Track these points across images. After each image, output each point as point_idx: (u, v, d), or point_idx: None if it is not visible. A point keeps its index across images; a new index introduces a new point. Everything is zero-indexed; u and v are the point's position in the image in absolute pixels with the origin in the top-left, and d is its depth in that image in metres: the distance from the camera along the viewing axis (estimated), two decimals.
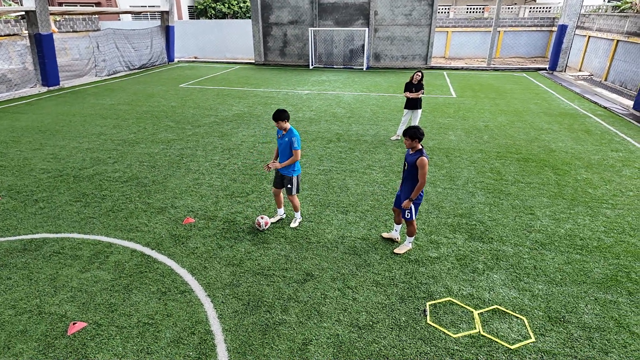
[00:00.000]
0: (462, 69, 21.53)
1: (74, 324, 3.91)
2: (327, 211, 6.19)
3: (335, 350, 3.63)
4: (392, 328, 3.88)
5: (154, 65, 22.23)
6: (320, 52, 22.58)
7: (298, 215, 5.81)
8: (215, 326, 3.93)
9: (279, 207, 5.83)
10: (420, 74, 8.92)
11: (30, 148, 9.12)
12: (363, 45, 21.65)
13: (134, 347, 3.67)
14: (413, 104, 9.06)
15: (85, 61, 18.48)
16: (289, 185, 5.48)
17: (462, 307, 4.13)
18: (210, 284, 4.53)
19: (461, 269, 4.75)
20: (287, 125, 5.20)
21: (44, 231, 5.63)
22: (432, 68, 21.55)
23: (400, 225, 5.27)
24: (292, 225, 5.75)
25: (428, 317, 3.98)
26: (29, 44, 15.85)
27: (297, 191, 5.56)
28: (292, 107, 13.03)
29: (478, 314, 4.02)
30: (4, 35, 20.62)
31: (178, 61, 24.65)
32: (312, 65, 22.23)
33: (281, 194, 5.74)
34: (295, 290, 4.43)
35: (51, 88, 15.96)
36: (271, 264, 4.91)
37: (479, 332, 3.79)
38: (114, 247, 5.22)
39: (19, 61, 16.25)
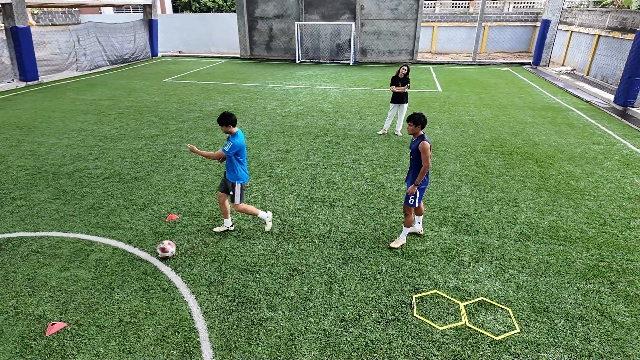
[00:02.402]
0: (447, 63, 21.65)
1: (52, 324, 3.79)
2: (314, 206, 6.14)
3: (321, 345, 3.60)
4: (378, 322, 3.86)
5: (137, 60, 21.77)
6: (307, 47, 22.42)
7: (265, 217, 5.32)
8: (200, 324, 3.86)
9: (225, 217, 5.28)
10: (406, 68, 8.92)
11: (6, 145, 8.83)
12: (350, 40, 21.58)
13: (116, 347, 3.58)
14: (399, 98, 9.05)
15: (65, 55, 17.97)
16: (231, 193, 5.03)
17: (448, 299, 4.15)
18: (195, 281, 4.45)
19: (447, 261, 4.77)
20: (234, 129, 4.79)
21: (21, 230, 5.46)
22: (418, 63, 21.61)
23: (421, 217, 5.23)
24: (267, 229, 5.36)
25: (415, 310, 3.98)
26: (4, 38, 15.33)
27: (241, 201, 5.05)
28: (278, 102, 12.91)
29: (464, 306, 4.04)
30: None
31: (162, 56, 24.20)
32: (298, 59, 22.07)
33: (227, 201, 5.18)
34: (281, 285, 4.39)
35: (29, 83, 15.48)
36: (257, 259, 4.85)
37: (465, 324, 3.81)
38: (95, 245, 5.09)
39: None
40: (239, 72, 18.95)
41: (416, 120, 4.64)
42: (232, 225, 5.44)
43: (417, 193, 4.80)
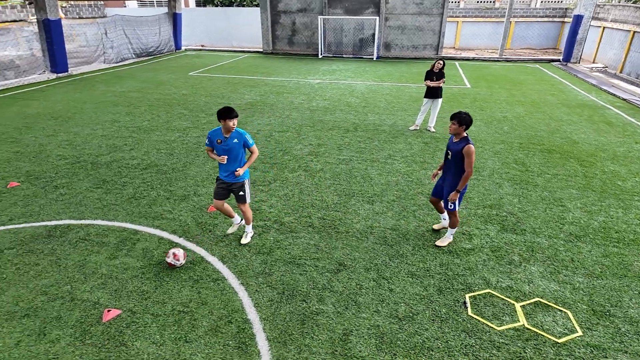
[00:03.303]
0: (473, 59, 21.24)
1: (108, 311, 3.84)
2: (353, 201, 6.08)
3: (377, 342, 3.55)
4: (433, 320, 3.79)
5: (162, 53, 21.97)
6: (330, 41, 22.27)
7: (250, 229, 5.00)
8: (252, 315, 3.85)
9: (232, 216, 4.99)
10: (441, 62, 8.75)
11: (44, 134, 9.01)
12: (373, 35, 21.34)
13: (172, 335, 3.60)
14: (433, 93, 8.89)
15: (93, 48, 18.24)
16: (240, 193, 4.66)
17: (503, 299, 4.05)
18: (243, 272, 4.45)
19: (497, 260, 4.66)
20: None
21: (67, 217, 5.55)
22: (442, 59, 21.24)
23: (446, 213, 5.13)
24: (244, 241, 4.93)
25: (469, 309, 3.90)
26: (36, 30, 15.63)
27: (250, 198, 4.91)
28: (305, 96, 12.86)
29: (520, 306, 3.93)
30: (11, 21, 20.36)
31: (185, 49, 24.38)
32: (321, 54, 21.95)
33: (225, 203, 4.83)
34: (329, 280, 4.35)
35: (60, 75, 15.77)
36: (301, 253, 4.82)
37: (524, 325, 3.71)
38: (140, 235, 5.14)
39: (27, 47, 16.04)
40: (262, 66, 18.95)
41: (461, 120, 4.38)
42: (241, 220, 5.12)
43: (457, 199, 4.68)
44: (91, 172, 7.03)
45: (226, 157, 4.43)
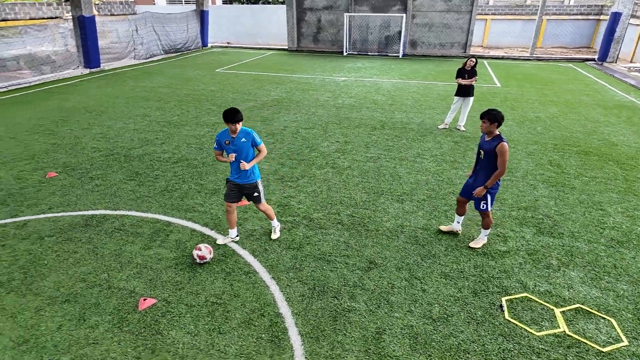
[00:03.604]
0: (502, 58, 20.70)
1: (144, 299, 3.92)
2: (382, 199, 6.02)
3: (411, 342, 3.50)
4: (468, 322, 3.71)
5: (189, 50, 22.35)
6: (355, 39, 22.14)
7: (276, 223, 4.98)
8: (284, 309, 3.86)
9: (232, 227, 4.80)
10: (474, 60, 8.55)
11: (79, 127, 9.30)
12: (399, 32, 21.08)
13: (206, 326, 3.64)
14: (465, 92, 8.70)
15: (124, 44, 18.72)
16: (255, 194, 4.60)
17: (542, 304, 3.91)
18: (273, 267, 4.47)
19: (534, 264, 4.51)
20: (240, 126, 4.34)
21: (102, 207, 5.70)
22: (472, 56, 20.78)
23: (463, 217, 5.03)
24: (274, 236, 4.93)
25: (506, 313, 3.79)
26: (71, 27, 16.15)
27: (265, 196, 4.81)
28: (330, 94, 12.83)
29: (560, 312, 3.80)
30: (48, 18, 21.11)
31: (211, 46, 24.72)
32: (346, 51, 21.85)
33: (235, 212, 4.75)
34: (360, 277, 4.31)
35: (92, 70, 16.27)
36: (331, 249, 4.80)
37: (565, 331, 3.57)
38: (173, 226, 5.23)
39: (62, 43, 16.60)
40: (287, 63, 19.01)
41: (491, 117, 4.25)
42: (237, 236, 4.90)
43: (489, 198, 4.53)
44: (124, 164, 7.21)
45: (234, 154, 4.40)
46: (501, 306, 3.87)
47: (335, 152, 7.89)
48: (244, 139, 4.38)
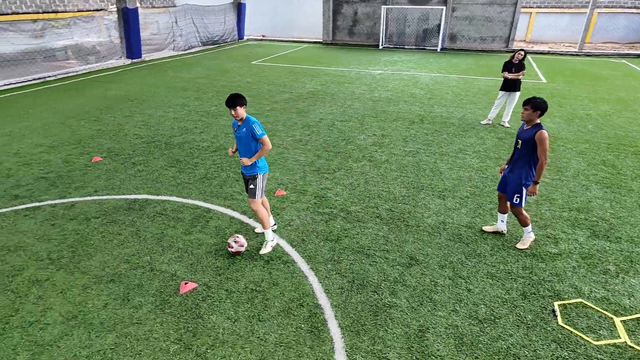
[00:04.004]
0: (547, 53, 19.70)
1: (185, 283, 3.96)
2: (422, 194, 5.83)
3: (456, 342, 3.34)
4: (518, 326, 3.51)
5: (226, 42, 22.66)
6: (391, 32, 21.71)
7: (269, 234, 4.43)
8: (323, 300, 3.79)
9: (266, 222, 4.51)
10: (522, 53, 8.13)
11: (122, 115, 9.59)
12: (438, 25, 20.47)
13: (246, 313, 3.63)
14: (511, 86, 8.30)
15: (164, 36, 19.20)
16: (251, 186, 4.30)
17: (599, 311, 3.65)
18: (311, 258, 4.41)
19: (589, 269, 4.22)
20: (244, 113, 4.16)
21: (145, 192, 5.84)
22: (513, 52, 19.90)
23: (506, 216, 4.78)
24: (262, 251, 4.42)
25: (559, 319, 3.56)
26: (115, 19, 16.70)
27: (262, 194, 4.35)
28: (366, 87, 12.62)
29: (620, 321, 3.52)
30: (94, 10, 21.96)
31: (247, 39, 24.96)
32: (382, 45, 21.47)
33: (263, 205, 4.53)
34: (401, 273, 4.18)
35: (134, 60, 16.78)
36: (370, 243, 4.69)
37: (626, 342, 3.31)
38: (213, 213, 5.27)
39: (107, 34, 17.22)
40: (322, 56, 18.90)
41: (536, 105, 4.11)
42: (274, 224, 4.76)
43: (523, 191, 4.30)
44: (165, 151, 7.37)
45: (230, 148, 4.34)
46: (554, 311, 3.64)
47: (372, 146, 7.74)
48: (244, 129, 4.17)
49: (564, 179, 6.26)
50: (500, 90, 8.51)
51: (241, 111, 4.12)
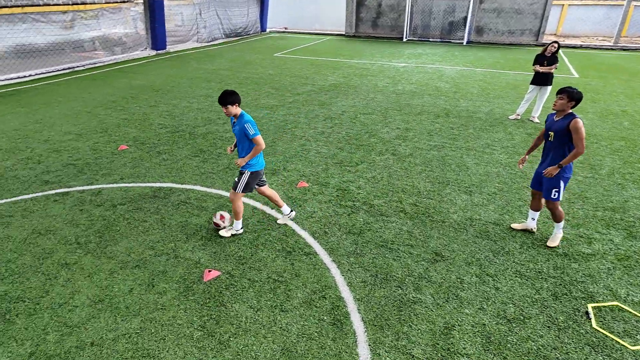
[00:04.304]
0: (580, 47, 18.92)
1: (209, 271, 3.98)
2: (448, 189, 5.69)
3: (483, 341, 3.24)
4: (548, 327, 3.37)
5: (248, 34, 22.72)
6: (416, 24, 21.28)
7: (237, 224, 4.48)
8: (346, 293, 3.74)
9: (279, 205, 4.69)
10: (556, 45, 7.80)
11: (147, 105, 9.74)
12: (465, 18, 19.94)
13: (268, 303, 3.62)
14: (543, 80, 7.99)
15: (188, 27, 19.38)
16: (236, 179, 4.30)
17: (636, 315, 3.47)
18: (334, 250, 4.37)
19: (625, 271, 4.02)
20: (238, 110, 4.12)
21: (169, 181, 5.90)
22: (542, 45, 19.22)
23: (538, 213, 4.60)
24: (225, 233, 4.48)
25: (593, 321, 3.41)
26: (141, 10, 16.94)
27: (244, 190, 4.29)
28: (389, 80, 12.43)
29: None
30: (120, 1, 22.34)
31: (269, 31, 24.95)
32: (405, 37, 21.08)
33: (269, 190, 4.63)
34: (425, 269, 4.09)
35: (159, 52, 17.01)
36: (394, 237, 4.60)
37: None
38: None
39: (133, 26, 17.50)
40: (345, 48, 18.71)
41: (571, 95, 3.97)
42: (292, 211, 4.78)
43: (562, 185, 4.11)
44: (189, 141, 7.43)
45: (229, 147, 4.49)
46: (587, 313, 3.49)
47: (396, 139, 7.61)
48: (238, 127, 4.15)
49: (597, 177, 5.99)
50: (530, 84, 8.21)
51: (233, 109, 4.10)
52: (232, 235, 4.56)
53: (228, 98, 4.04)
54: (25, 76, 12.19)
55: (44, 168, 6.26)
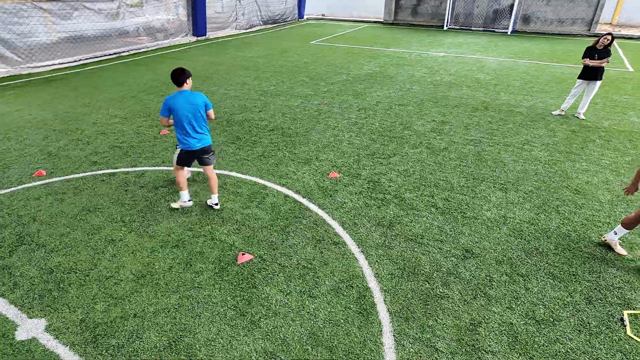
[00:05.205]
0: (638, 38, 17.63)
1: (242, 254, 4.17)
2: (482, 186, 5.59)
3: (510, 340, 3.24)
4: (579, 331, 3.31)
5: (285, 22, 22.77)
6: (458, 12, 20.55)
7: (182, 195, 4.86)
8: (373, 284, 3.82)
9: (213, 192, 4.90)
10: (609, 37, 7.34)
11: None
12: (511, 5, 19.02)
13: (297, 288, 3.77)
14: (592, 74, 7.57)
15: (227, 14, 19.68)
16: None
17: None
18: (362, 241, 4.44)
19: None
20: (180, 88, 4.36)
21: None
22: (596, 35, 18.04)
23: (627, 231, 4.12)
24: (174, 205, 4.94)
25: (628, 329, 3.31)
26: None
27: (177, 163, 4.77)
28: (427, 70, 12.15)
29: None
30: None
31: (307, 18, 24.88)
32: (446, 26, 20.42)
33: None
34: (454, 265, 4.09)
35: (199, 38, 17.43)
36: (423, 232, 4.61)
37: None
38: (269, 190, 5.45)
39: (175, 12, 17.99)
40: (382, 36, 18.40)
41: None
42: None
43: None
44: (227, 128, 7.67)
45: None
46: (622, 320, 3.39)
47: (431, 132, 7.50)
48: None
49: None
50: (578, 78, 7.80)
51: (189, 84, 4.44)
52: (180, 207, 4.94)
53: (180, 78, 4.33)
54: (74, 61, 12.90)
55: (92, 149, 6.68)
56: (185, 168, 4.92)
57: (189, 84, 4.41)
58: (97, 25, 13.97)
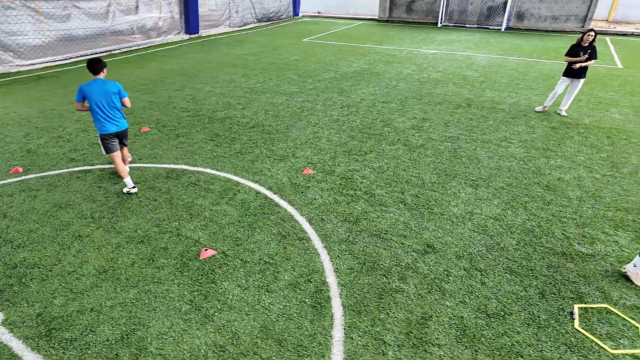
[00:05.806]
0: (632, 34, 17.54)
1: (205, 250, 4.22)
2: (454, 182, 5.62)
3: (458, 333, 3.28)
4: (528, 324, 3.35)
5: (280, 19, 22.77)
6: (452, 9, 20.49)
7: (126, 182, 5.30)
8: (331, 278, 3.87)
9: (124, 176, 5.30)
10: (592, 33, 7.31)
11: (173, 88, 10.12)
12: (505, 3, 18.95)
13: (256, 283, 3.81)
14: (577, 72, 7.54)
15: (220, 12, 19.71)
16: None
17: (624, 319, 3.37)
18: (327, 236, 4.48)
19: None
20: (95, 77, 4.88)
21: (183, 163, 6.20)
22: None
23: None
24: (125, 190, 5.34)
25: (577, 322, 3.34)
26: None
27: (106, 152, 5.18)
28: (416, 67, 12.15)
29: None
30: None
31: (302, 16, 24.86)
32: (440, 23, 20.38)
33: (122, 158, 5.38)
34: (414, 260, 4.12)
35: (192, 36, 17.47)
36: (388, 227, 4.65)
37: None
38: (241, 186, 5.50)
39: (167, 10, 18.03)
40: (375, 34, 18.38)
41: None
42: (134, 187, 5.35)
43: None
44: (207, 125, 7.72)
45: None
46: (572, 313, 3.42)
47: (410, 129, 7.52)
48: None
49: (618, 175, 5.69)
50: (562, 75, 7.78)
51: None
52: (127, 192, 5.31)
53: (97, 67, 4.82)
54: (65, 59, 12.97)
55: (72, 146, 6.75)
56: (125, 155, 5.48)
57: (104, 73, 4.94)
58: (88, 24, 14.02)
